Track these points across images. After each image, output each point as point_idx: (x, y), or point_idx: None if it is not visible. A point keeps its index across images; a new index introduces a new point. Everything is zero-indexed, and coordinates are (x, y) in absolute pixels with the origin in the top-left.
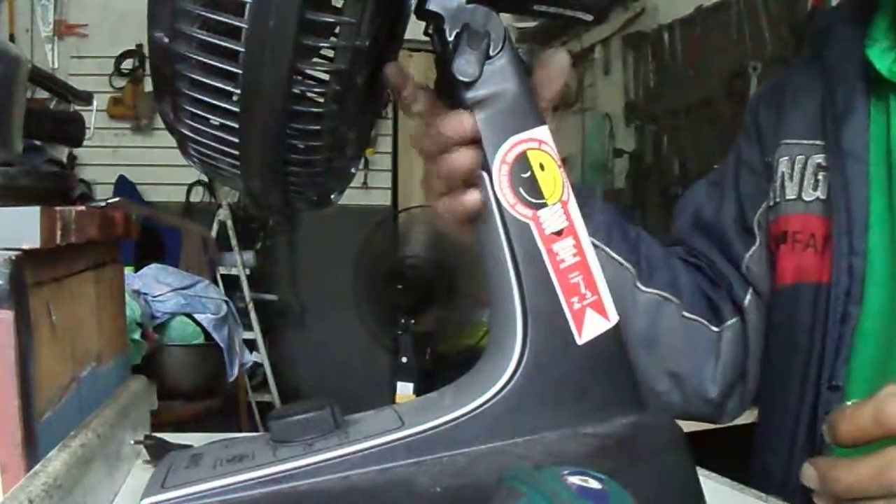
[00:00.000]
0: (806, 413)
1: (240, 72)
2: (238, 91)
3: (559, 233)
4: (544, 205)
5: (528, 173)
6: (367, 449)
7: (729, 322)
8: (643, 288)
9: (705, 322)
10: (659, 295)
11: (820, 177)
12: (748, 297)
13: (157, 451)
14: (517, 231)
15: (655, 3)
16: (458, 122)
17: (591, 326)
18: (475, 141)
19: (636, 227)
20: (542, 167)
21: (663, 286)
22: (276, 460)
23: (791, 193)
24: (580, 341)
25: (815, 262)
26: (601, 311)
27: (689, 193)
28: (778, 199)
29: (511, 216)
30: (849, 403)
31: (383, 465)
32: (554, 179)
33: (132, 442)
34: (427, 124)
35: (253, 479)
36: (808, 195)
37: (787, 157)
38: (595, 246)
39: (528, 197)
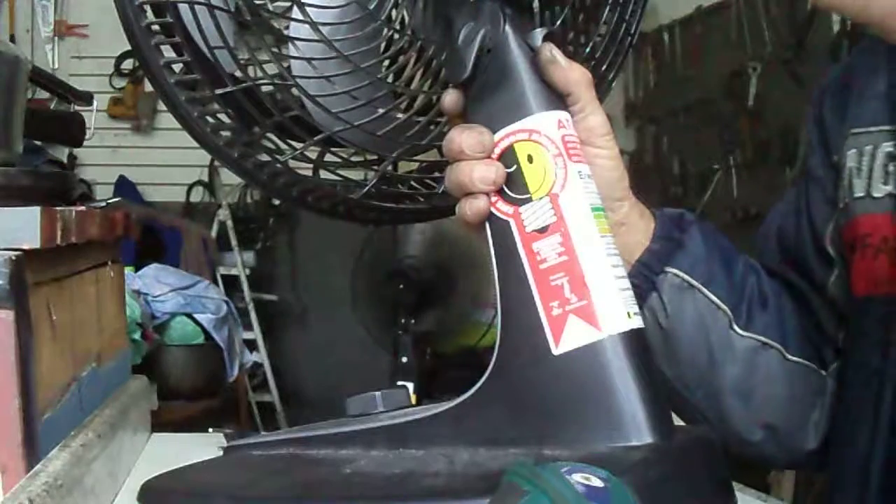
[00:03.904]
0: (880, 453)
1: None
2: None
3: (543, 230)
4: (528, 200)
5: (514, 167)
6: (350, 431)
7: (834, 366)
8: (741, 332)
9: (813, 366)
10: (758, 340)
11: (891, 168)
12: (842, 333)
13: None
14: (497, 229)
15: (655, 3)
16: (471, 137)
17: (573, 336)
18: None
19: (745, 257)
20: (530, 159)
21: (765, 330)
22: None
23: (859, 190)
24: (556, 351)
25: (888, 269)
26: (590, 319)
27: (771, 216)
28: (847, 200)
29: (492, 214)
30: None
31: (351, 448)
32: (544, 171)
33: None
34: (451, 127)
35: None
36: (878, 191)
37: (854, 150)
38: (691, 286)
39: (510, 193)
